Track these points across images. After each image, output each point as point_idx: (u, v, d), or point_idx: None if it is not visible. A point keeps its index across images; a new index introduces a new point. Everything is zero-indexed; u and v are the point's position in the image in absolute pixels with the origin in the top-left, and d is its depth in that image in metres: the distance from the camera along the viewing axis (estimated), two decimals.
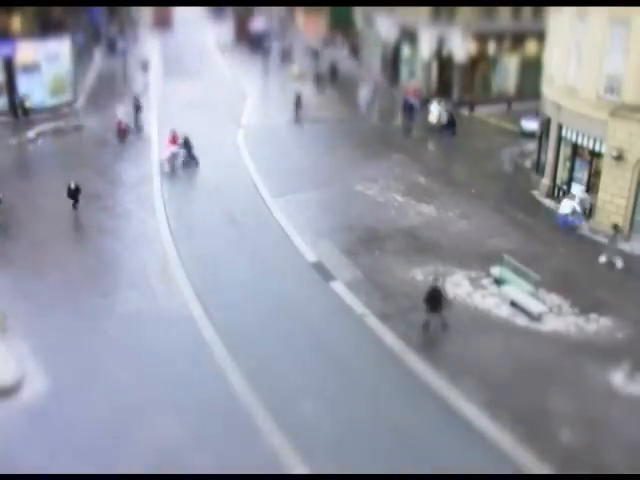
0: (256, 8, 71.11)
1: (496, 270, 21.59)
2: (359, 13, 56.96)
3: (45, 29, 39.57)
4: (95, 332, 18.89)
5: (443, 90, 44.94)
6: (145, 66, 51.54)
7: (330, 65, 51.73)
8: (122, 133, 35.40)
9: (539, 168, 30.49)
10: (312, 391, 16.62)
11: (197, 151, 32.39)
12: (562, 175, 28.26)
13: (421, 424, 15.67)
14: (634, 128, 23.61)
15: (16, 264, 22.59)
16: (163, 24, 76.36)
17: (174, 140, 32.25)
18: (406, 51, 48.65)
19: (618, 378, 17.15)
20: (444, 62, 44.62)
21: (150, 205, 27.67)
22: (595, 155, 26.06)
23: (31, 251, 23.41)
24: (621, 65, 24.33)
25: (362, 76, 46.13)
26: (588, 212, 26.11)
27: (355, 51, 58.88)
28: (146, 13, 78.54)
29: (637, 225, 24.33)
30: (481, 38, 43.61)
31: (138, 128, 37.21)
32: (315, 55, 57.52)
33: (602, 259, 22.97)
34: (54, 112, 39.82)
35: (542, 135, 30.44)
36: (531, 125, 35.57)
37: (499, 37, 44.11)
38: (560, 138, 28.05)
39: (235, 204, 27.72)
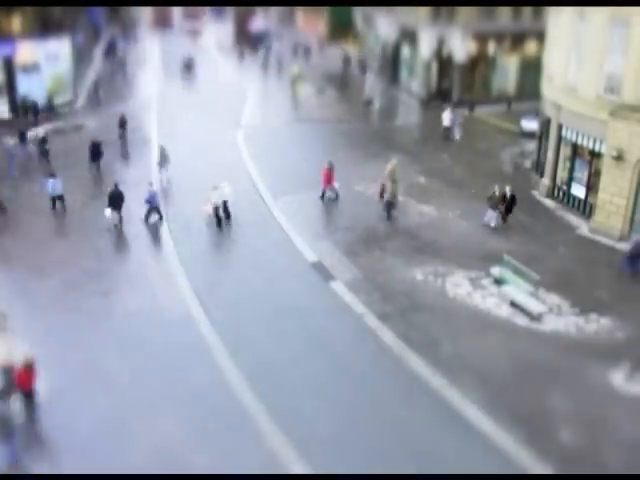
0: (256, 8, 71.15)
1: (496, 270, 21.60)
2: (359, 13, 56.98)
3: (45, 29, 39.57)
4: (95, 332, 18.90)
5: (443, 90, 44.97)
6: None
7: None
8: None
9: (539, 168, 30.48)
10: (311, 390, 16.62)
11: (197, 151, 32.29)
12: (562, 175, 28.26)
13: (421, 424, 15.67)
14: (634, 128, 23.60)
15: (16, 264, 22.58)
16: (163, 24, 76.68)
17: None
18: (406, 51, 48.66)
19: (618, 378, 17.15)
20: (444, 62, 44.63)
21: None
22: (595, 155, 26.05)
23: (31, 251, 23.41)
24: (621, 65, 24.32)
25: None
26: (589, 213, 26.12)
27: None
28: (146, 13, 78.70)
29: (637, 225, 24.33)
30: (481, 38, 43.65)
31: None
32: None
33: None
34: (54, 112, 39.79)
35: (542, 135, 30.43)
36: (531, 125, 35.57)
37: (499, 37, 44.16)
38: (560, 138, 28.05)
39: (235, 204, 27.67)
